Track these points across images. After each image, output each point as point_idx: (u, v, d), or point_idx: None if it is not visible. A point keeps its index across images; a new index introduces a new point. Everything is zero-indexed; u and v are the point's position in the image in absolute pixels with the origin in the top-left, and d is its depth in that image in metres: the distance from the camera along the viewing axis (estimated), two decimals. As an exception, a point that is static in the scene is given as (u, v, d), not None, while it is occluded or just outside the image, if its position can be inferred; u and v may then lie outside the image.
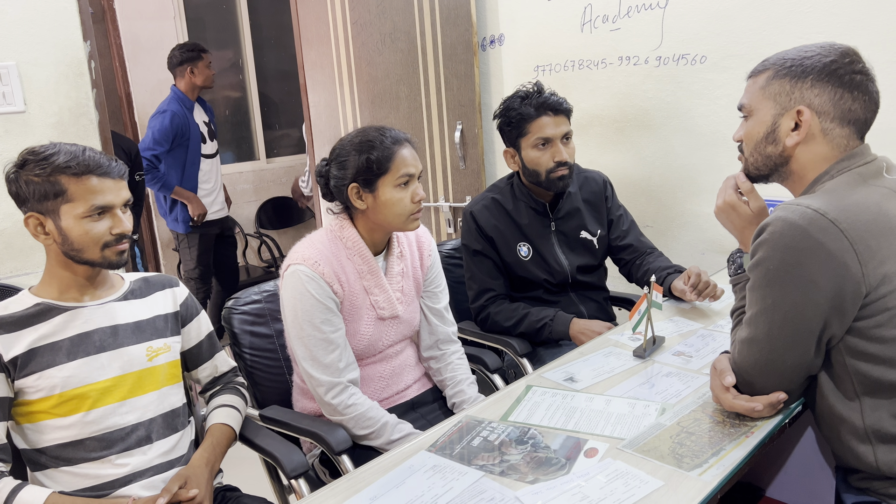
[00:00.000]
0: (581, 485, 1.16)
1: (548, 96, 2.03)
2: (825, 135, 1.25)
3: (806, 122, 1.25)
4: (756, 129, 1.32)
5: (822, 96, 1.24)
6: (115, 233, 1.37)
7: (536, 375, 1.60)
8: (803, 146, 1.27)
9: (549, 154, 2.03)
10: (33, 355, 1.35)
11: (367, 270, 1.69)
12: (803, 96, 1.25)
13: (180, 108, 3.64)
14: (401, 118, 3.13)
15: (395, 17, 3.04)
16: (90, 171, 1.34)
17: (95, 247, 1.36)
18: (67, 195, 1.33)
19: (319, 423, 1.64)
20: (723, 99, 2.37)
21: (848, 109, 1.23)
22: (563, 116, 2.04)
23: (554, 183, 2.06)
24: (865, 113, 1.24)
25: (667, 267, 2.11)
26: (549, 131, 2.02)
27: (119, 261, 1.40)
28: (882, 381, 1.17)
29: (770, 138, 1.30)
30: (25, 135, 2.23)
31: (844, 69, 1.23)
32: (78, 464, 1.38)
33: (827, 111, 1.24)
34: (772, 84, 1.29)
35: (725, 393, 1.30)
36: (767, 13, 2.22)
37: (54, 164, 1.33)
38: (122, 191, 1.39)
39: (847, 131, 1.25)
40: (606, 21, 2.58)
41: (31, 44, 2.21)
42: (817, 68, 1.24)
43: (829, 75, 1.23)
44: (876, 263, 1.14)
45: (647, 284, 1.67)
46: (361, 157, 1.62)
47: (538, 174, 2.06)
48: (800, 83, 1.25)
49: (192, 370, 1.63)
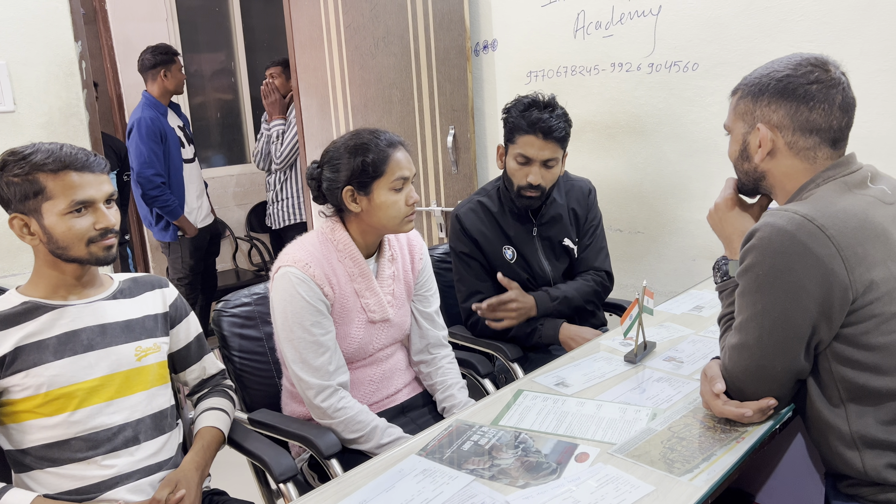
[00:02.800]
0: (572, 489, 1.16)
1: (546, 118, 1.96)
2: (790, 148, 1.28)
3: (765, 139, 1.29)
4: (733, 148, 1.39)
5: (779, 112, 1.27)
6: (99, 228, 1.35)
7: (527, 380, 1.60)
8: (772, 161, 1.31)
9: (524, 172, 2.01)
10: (20, 353, 1.34)
11: (359, 273, 1.68)
12: (763, 114, 1.29)
13: (153, 113, 3.52)
14: (393, 122, 3.13)
15: (388, 22, 3.04)
16: (67, 167, 1.32)
17: (80, 243, 1.35)
18: (47, 192, 1.32)
19: (308, 427, 1.63)
20: (714, 106, 2.38)
21: (806, 120, 1.26)
22: (554, 143, 1.99)
23: (521, 198, 2.06)
24: (828, 120, 1.25)
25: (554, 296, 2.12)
26: (531, 152, 1.99)
27: (107, 256, 1.38)
28: (867, 387, 1.18)
29: (744, 155, 1.36)
30: (14, 135, 2.21)
31: (797, 82, 1.25)
32: (63, 465, 1.36)
33: (786, 125, 1.27)
34: (739, 104, 1.34)
35: (715, 399, 1.31)
36: (759, 21, 2.24)
37: (32, 163, 1.31)
38: (103, 185, 1.37)
39: (812, 141, 1.27)
40: (599, 27, 2.59)
41: (21, 43, 2.20)
42: (771, 85, 1.28)
43: (783, 90, 1.26)
44: (863, 270, 1.15)
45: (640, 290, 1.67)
46: (356, 159, 1.61)
47: (512, 184, 2.06)
48: (758, 101, 1.30)
49: (181, 372, 1.62)
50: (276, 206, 4.06)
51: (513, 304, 2.05)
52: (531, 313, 2.08)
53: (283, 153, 3.93)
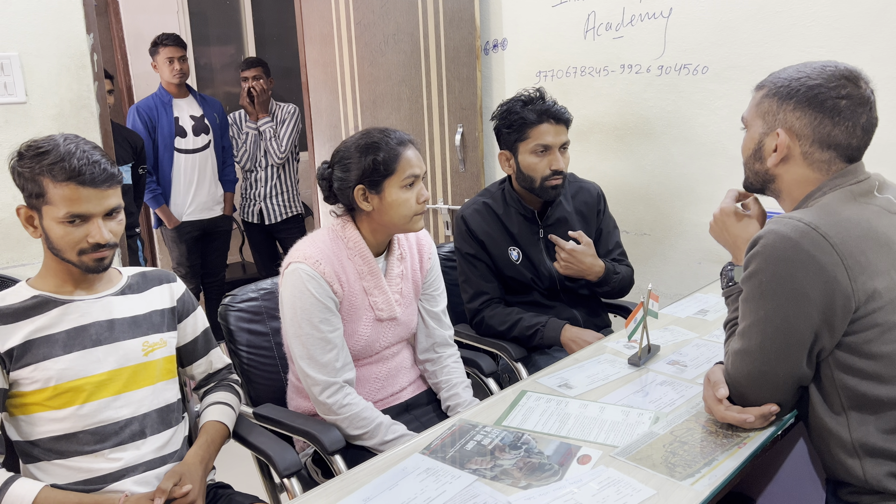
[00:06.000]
0: (573, 491, 1.17)
1: (551, 104, 2.04)
2: (805, 158, 1.27)
3: (782, 145, 1.28)
4: (747, 145, 1.36)
5: (803, 120, 1.25)
6: (91, 241, 1.35)
7: (531, 381, 1.60)
8: (784, 167, 1.30)
9: (546, 161, 2.04)
10: (29, 347, 1.35)
11: (368, 271, 1.69)
12: (785, 118, 1.27)
13: (150, 102, 3.59)
14: (402, 119, 3.13)
15: (398, 19, 3.04)
16: (71, 179, 1.30)
17: (72, 251, 1.35)
18: (47, 197, 1.32)
19: (313, 423, 1.64)
20: (723, 109, 2.38)
21: (828, 134, 1.24)
22: (563, 126, 2.05)
23: (547, 191, 2.07)
24: (849, 139, 1.24)
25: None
26: (549, 139, 2.03)
27: (97, 266, 1.38)
28: (868, 396, 1.18)
29: (757, 155, 1.34)
30: (26, 126, 2.23)
31: (828, 94, 1.23)
32: (71, 457, 1.38)
33: (806, 135, 1.25)
34: (763, 102, 1.31)
35: (718, 404, 1.31)
36: (770, 25, 2.23)
37: (40, 164, 1.31)
38: (105, 200, 1.35)
39: (829, 155, 1.26)
40: (609, 29, 2.59)
41: (34, 35, 2.21)
42: (801, 91, 1.25)
43: (811, 100, 1.24)
44: (865, 279, 1.15)
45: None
46: (367, 158, 1.62)
47: (532, 180, 2.06)
48: (784, 105, 1.27)
49: (187, 366, 1.63)
50: (271, 200, 4.00)
51: (577, 254, 2.09)
52: (590, 273, 2.12)
53: (286, 147, 3.92)
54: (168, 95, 3.62)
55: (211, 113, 3.76)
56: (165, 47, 3.59)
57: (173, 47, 3.60)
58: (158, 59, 3.61)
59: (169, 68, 3.60)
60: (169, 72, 3.60)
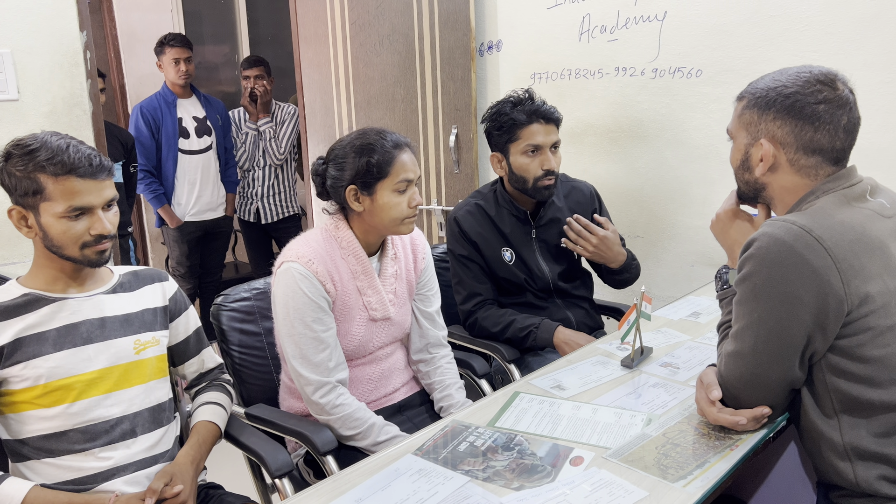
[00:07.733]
0: (566, 493, 1.17)
1: (540, 104, 2.04)
2: (791, 165, 1.28)
3: (767, 155, 1.29)
4: (735, 156, 1.38)
5: (784, 128, 1.27)
6: (94, 233, 1.35)
7: (524, 382, 1.60)
8: (773, 175, 1.31)
9: (537, 161, 2.04)
10: (19, 345, 1.34)
11: (361, 271, 1.69)
12: (767, 128, 1.29)
13: (153, 101, 3.57)
14: (396, 120, 3.13)
15: (393, 19, 3.04)
16: (70, 172, 1.31)
17: (74, 246, 1.35)
18: (46, 193, 1.31)
19: (305, 423, 1.64)
20: (717, 113, 2.39)
21: (810, 140, 1.25)
22: (554, 125, 2.06)
23: (539, 191, 2.07)
24: (832, 142, 1.25)
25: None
26: (540, 139, 2.03)
27: (99, 260, 1.38)
28: (860, 399, 1.18)
29: (745, 166, 1.36)
30: (18, 123, 2.22)
31: (805, 101, 1.24)
32: (60, 456, 1.37)
33: (789, 143, 1.27)
34: (745, 113, 1.33)
35: (711, 406, 1.31)
36: (764, 30, 2.24)
37: (34, 161, 1.30)
38: (103, 191, 1.36)
39: (815, 160, 1.27)
40: (604, 31, 2.59)
41: (26, 32, 2.20)
42: (779, 101, 1.26)
43: (790, 108, 1.25)
44: (858, 282, 1.16)
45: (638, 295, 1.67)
46: (361, 159, 1.62)
47: (525, 181, 2.07)
48: (765, 115, 1.29)
49: (179, 365, 1.62)
50: (268, 199, 4.00)
51: (609, 241, 2.11)
52: (615, 261, 2.13)
53: (285, 149, 3.92)
54: (172, 95, 3.61)
55: (214, 114, 3.75)
56: (172, 48, 3.57)
57: (180, 48, 3.59)
58: (164, 60, 3.59)
59: (175, 69, 3.58)
60: (174, 72, 3.59)
